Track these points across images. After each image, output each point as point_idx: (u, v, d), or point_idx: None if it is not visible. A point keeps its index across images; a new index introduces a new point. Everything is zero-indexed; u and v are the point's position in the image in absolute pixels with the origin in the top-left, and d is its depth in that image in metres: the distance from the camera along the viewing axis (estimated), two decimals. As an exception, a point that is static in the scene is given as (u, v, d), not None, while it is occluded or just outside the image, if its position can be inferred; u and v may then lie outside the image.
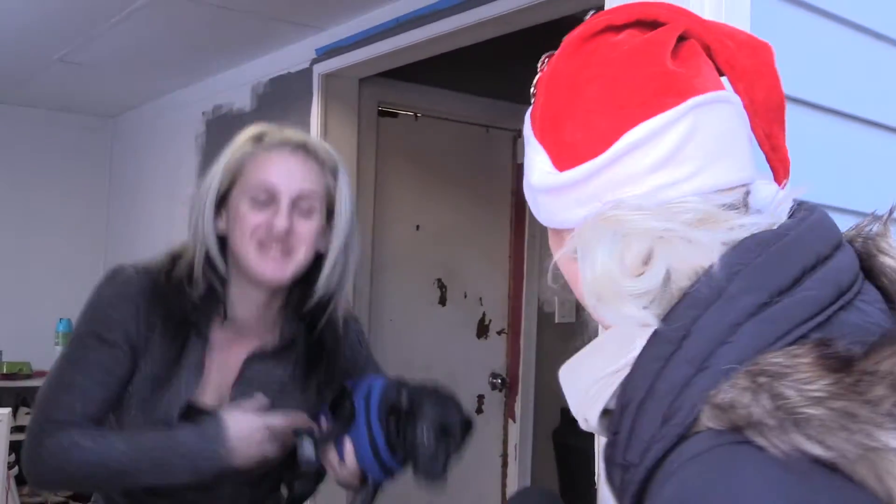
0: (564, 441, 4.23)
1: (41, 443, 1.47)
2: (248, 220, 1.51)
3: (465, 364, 4.12)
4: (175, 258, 1.58)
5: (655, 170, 0.74)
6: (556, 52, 0.83)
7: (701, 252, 0.71)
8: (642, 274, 0.72)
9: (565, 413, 4.26)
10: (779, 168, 0.85)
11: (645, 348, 0.71)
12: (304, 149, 1.55)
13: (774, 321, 0.67)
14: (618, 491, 0.72)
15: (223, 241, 1.56)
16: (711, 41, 0.80)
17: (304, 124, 3.62)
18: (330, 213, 1.57)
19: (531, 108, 0.85)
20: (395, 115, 3.90)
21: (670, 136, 0.74)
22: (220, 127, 4.24)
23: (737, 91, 0.81)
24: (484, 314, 4.19)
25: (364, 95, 3.69)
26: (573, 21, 0.85)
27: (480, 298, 4.17)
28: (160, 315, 1.54)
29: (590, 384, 0.77)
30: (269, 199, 1.51)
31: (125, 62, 4.15)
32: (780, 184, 0.83)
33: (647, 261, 0.72)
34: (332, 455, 1.52)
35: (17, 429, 4.26)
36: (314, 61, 3.61)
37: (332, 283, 1.60)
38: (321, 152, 1.57)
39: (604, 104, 0.76)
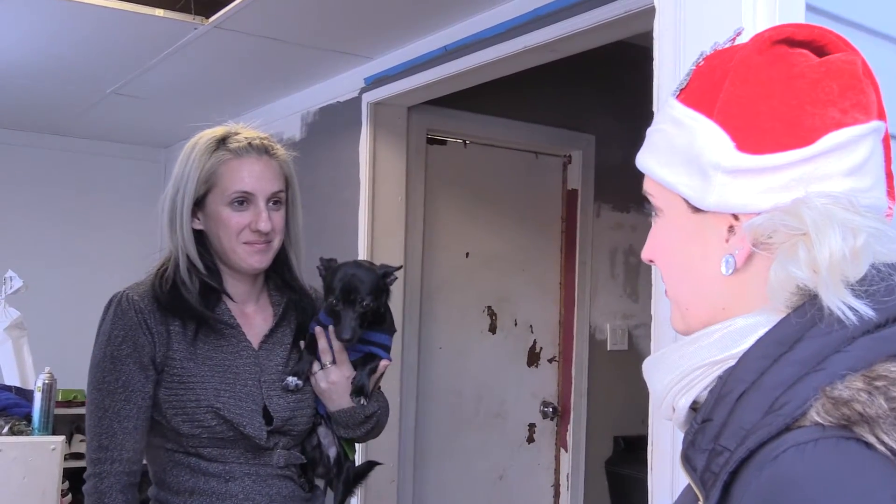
0: (617, 470, 4.16)
1: (101, 482, 1.69)
2: (232, 222, 1.75)
3: (515, 392, 4.08)
4: (163, 265, 1.79)
5: (849, 174, 0.81)
6: (743, 48, 0.88)
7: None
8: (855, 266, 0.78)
9: (618, 442, 4.20)
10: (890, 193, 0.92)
11: (754, 346, 0.80)
12: (266, 152, 1.79)
13: (887, 340, 0.75)
14: (700, 474, 0.78)
15: (199, 237, 1.78)
16: (873, 77, 0.87)
17: (354, 152, 3.64)
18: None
19: (681, 90, 0.92)
20: (443, 142, 3.90)
21: (862, 147, 0.82)
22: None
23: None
24: (535, 342, 4.14)
25: (413, 123, 3.69)
26: (620, 47, 0.88)
27: (531, 326, 4.14)
28: (170, 311, 1.74)
29: (688, 371, 0.86)
30: (246, 202, 1.75)
31: (177, 94, 4.21)
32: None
33: (858, 255, 0.77)
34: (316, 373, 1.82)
35: (72, 455, 4.30)
36: (363, 90, 3.63)
37: (298, 253, 1.89)
38: (278, 151, 1.83)
39: (809, 102, 0.82)
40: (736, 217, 0.84)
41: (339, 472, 1.87)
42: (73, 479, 4.20)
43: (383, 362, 1.86)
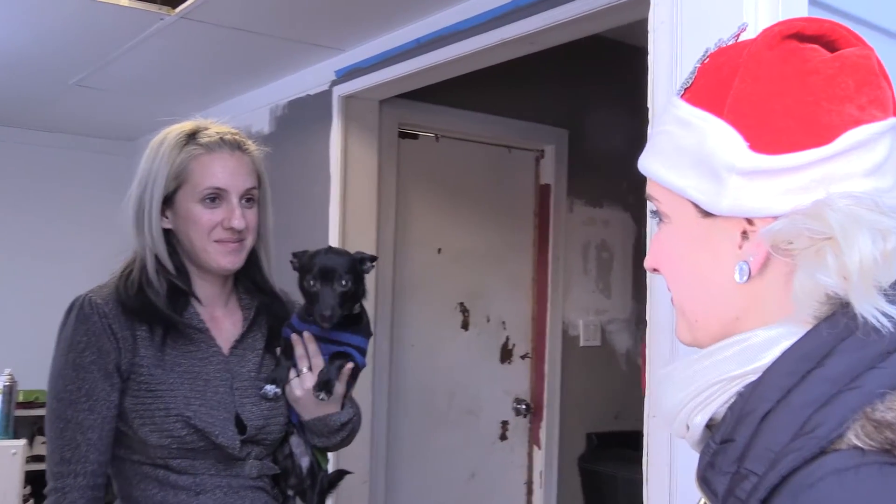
0: (590, 467, 4.14)
1: (64, 497, 1.59)
2: (204, 220, 1.67)
3: (488, 389, 4.04)
4: (128, 267, 1.70)
5: (869, 174, 0.77)
6: (752, 43, 0.82)
7: None
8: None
9: (591, 438, 4.18)
10: None
11: (779, 360, 0.74)
12: (239, 147, 1.72)
13: None
14: (721, 498, 0.74)
15: (167, 237, 1.70)
16: (886, 73, 0.83)
17: (324, 147, 3.57)
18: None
19: (686, 89, 0.87)
20: (415, 136, 3.84)
21: (881, 145, 0.77)
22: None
23: None
24: (507, 338, 4.10)
25: (384, 117, 3.62)
26: (594, 41, 0.84)
27: (504, 322, 4.09)
28: (136, 315, 1.64)
29: (704, 388, 0.80)
30: (219, 199, 1.68)
31: (142, 86, 4.11)
32: None
33: (889, 258, 0.73)
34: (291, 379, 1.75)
35: (33, 458, 4.20)
36: (334, 83, 3.56)
37: (269, 254, 1.82)
38: (251, 147, 1.76)
39: (825, 98, 0.77)
40: (750, 221, 0.80)
41: (312, 482, 1.80)
42: (34, 483, 4.10)
43: (350, 364, 1.78)
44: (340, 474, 1.98)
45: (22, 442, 2.98)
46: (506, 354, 4.10)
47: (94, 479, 1.60)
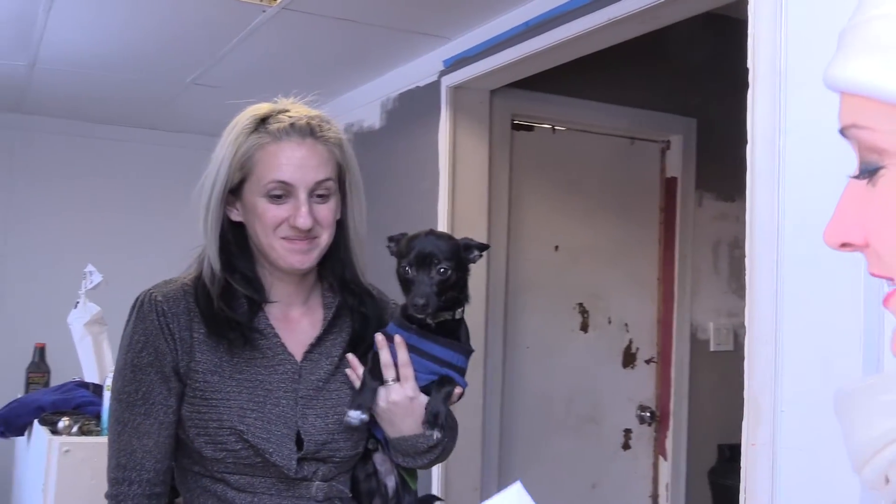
0: (722, 481, 3.86)
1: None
2: (268, 216, 1.52)
3: (610, 395, 3.82)
4: (200, 262, 1.60)
5: None
6: None
7: None
8: None
9: (722, 450, 3.89)
10: None
11: None
12: (312, 133, 1.54)
13: None
14: None
15: (239, 230, 1.59)
16: None
17: (433, 139, 3.43)
18: (341, 183, 1.59)
19: None
20: (530, 128, 3.65)
21: None
22: (352, 145, 4.11)
23: None
24: (630, 341, 3.86)
25: (496, 108, 3.46)
26: (721, 21, 0.58)
27: (626, 324, 3.86)
28: (198, 317, 1.54)
29: None
30: (285, 194, 1.52)
31: (252, 83, 4.07)
32: None
33: None
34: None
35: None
36: (442, 73, 3.42)
37: (358, 249, 1.64)
38: (326, 131, 1.56)
39: None
40: None
41: None
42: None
43: (459, 391, 1.57)
44: (430, 500, 1.82)
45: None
46: (629, 358, 3.86)
47: (150, 487, 1.49)
